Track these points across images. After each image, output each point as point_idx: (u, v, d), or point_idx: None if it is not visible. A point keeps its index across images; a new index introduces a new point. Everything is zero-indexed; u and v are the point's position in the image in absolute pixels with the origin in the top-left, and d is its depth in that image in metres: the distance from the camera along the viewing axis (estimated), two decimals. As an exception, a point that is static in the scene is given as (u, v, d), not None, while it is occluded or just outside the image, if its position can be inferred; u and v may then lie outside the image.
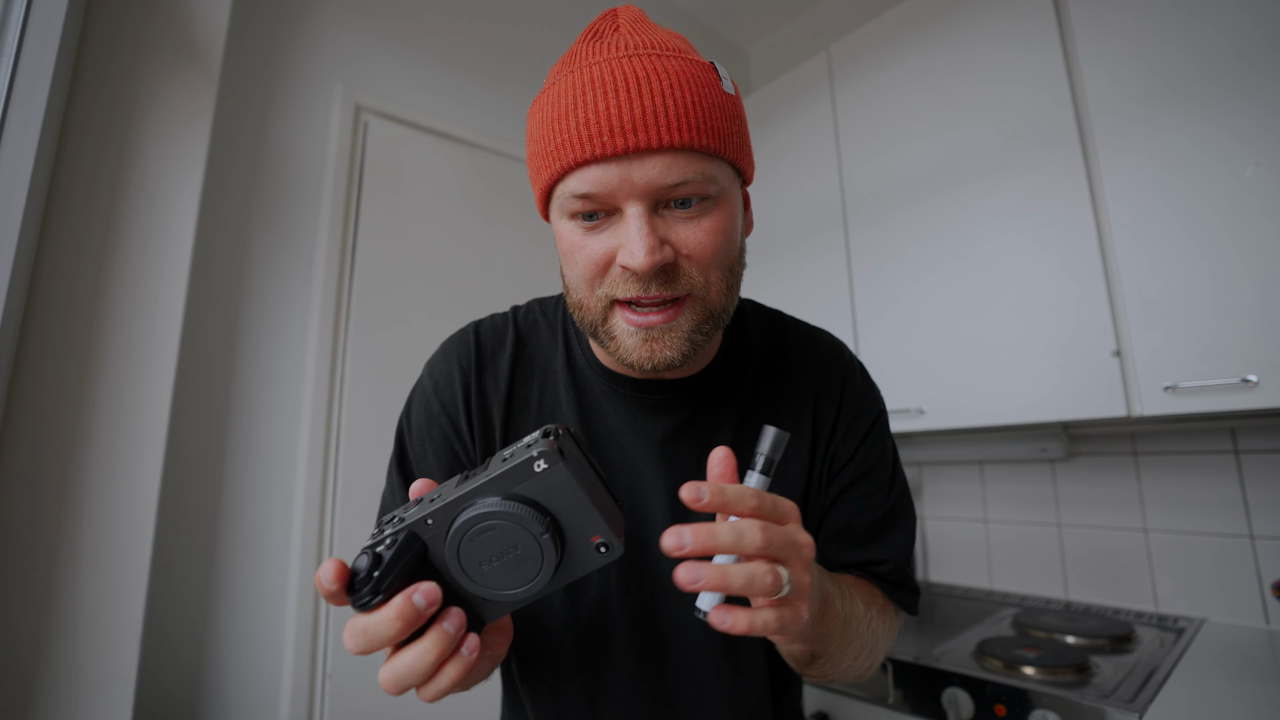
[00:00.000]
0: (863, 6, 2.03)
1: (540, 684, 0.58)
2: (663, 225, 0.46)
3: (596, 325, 0.49)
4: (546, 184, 0.48)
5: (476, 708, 1.40)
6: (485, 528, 0.34)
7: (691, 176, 0.45)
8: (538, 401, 0.59)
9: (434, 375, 0.60)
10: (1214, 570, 1.32)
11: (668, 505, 0.56)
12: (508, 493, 0.35)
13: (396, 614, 0.33)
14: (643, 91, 0.44)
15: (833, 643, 0.49)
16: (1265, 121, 1.04)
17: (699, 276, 0.47)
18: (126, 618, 0.91)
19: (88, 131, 0.97)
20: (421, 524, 0.35)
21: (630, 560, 0.56)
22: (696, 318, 0.48)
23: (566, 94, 0.45)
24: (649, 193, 0.44)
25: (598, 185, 0.44)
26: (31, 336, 0.90)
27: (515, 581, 0.36)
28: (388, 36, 1.53)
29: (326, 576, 0.33)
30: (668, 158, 0.44)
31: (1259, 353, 1.02)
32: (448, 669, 0.35)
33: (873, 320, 1.58)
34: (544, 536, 0.35)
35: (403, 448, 0.60)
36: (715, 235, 0.47)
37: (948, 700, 1.07)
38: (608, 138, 0.43)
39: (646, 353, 0.47)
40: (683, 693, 0.57)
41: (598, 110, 0.43)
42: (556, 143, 0.45)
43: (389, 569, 0.33)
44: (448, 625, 0.34)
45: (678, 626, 0.57)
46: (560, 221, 0.49)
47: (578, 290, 0.49)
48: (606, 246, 0.46)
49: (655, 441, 0.57)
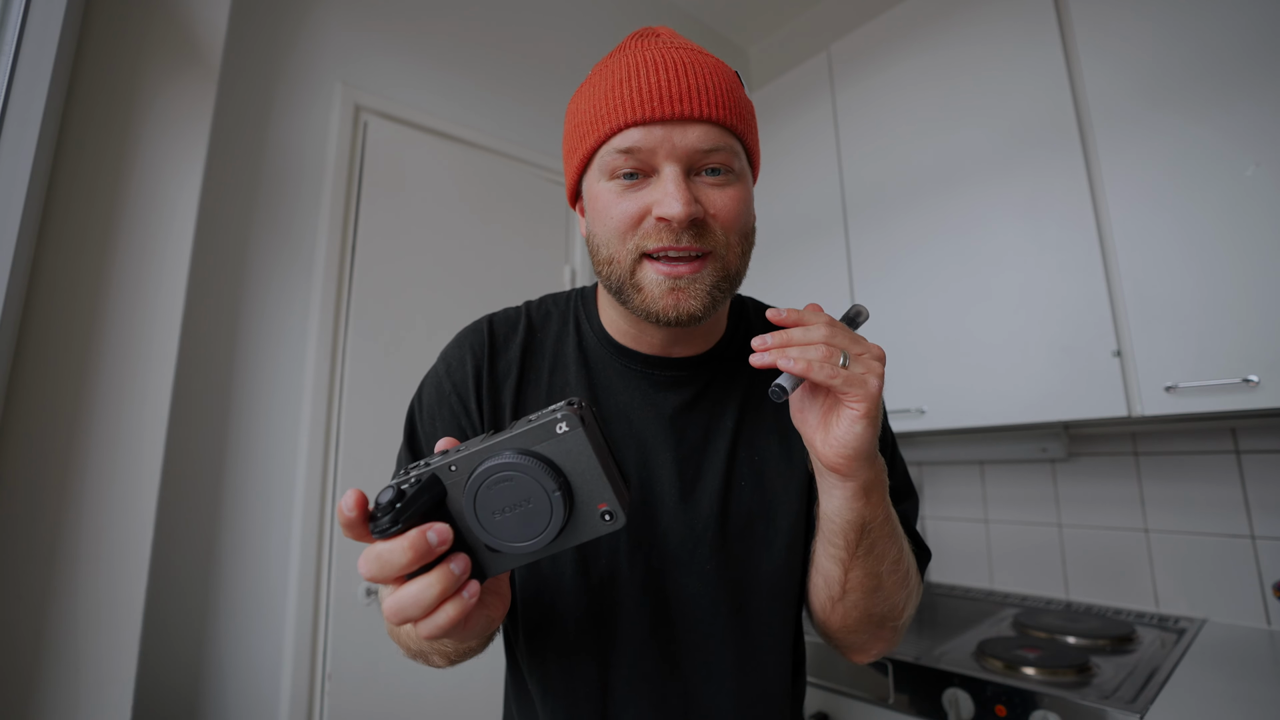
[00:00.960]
0: (863, 6, 2.03)
1: (549, 656, 0.59)
2: (694, 188, 0.52)
3: (625, 279, 0.53)
4: (593, 146, 0.53)
5: (476, 708, 1.40)
6: (503, 478, 0.37)
7: (723, 145, 0.52)
8: (548, 381, 0.62)
9: (447, 359, 0.63)
10: (1215, 570, 1.31)
11: (676, 478, 0.59)
12: (529, 449, 0.37)
13: (410, 544, 0.36)
14: (688, 72, 0.51)
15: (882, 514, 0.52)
16: (1265, 122, 1.04)
17: (722, 236, 0.53)
18: (126, 618, 0.91)
19: (88, 131, 0.97)
20: (445, 469, 0.38)
21: (639, 532, 0.58)
22: (716, 275, 0.53)
23: (619, 72, 0.53)
24: (687, 155, 0.51)
25: (643, 143, 0.51)
26: (31, 336, 0.90)
27: (523, 535, 0.38)
28: (388, 36, 1.53)
29: (347, 504, 0.36)
30: (705, 128, 0.51)
31: (1259, 353, 1.02)
32: (447, 607, 0.37)
33: (873, 320, 1.58)
34: (555, 494, 0.37)
35: (413, 428, 0.62)
36: (739, 202, 0.53)
37: (948, 701, 1.07)
38: (656, 104, 0.50)
39: (672, 301, 0.52)
40: (691, 662, 0.58)
41: (648, 83, 0.51)
42: (608, 109, 0.52)
43: (411, 501, 0.36)
44: (454, 566, 0.37)
45: (686, 597, 0.58)
46: (598, 183, 0.54)
47: (609, 245, 0.54)
48: (642, 203, 0.52)
49: (665, 416, 0.60)
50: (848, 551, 0.53)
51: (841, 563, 0.54)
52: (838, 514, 0.51)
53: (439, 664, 0.57)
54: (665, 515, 0.58)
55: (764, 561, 0.59)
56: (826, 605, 0.59)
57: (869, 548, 0.53)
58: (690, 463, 0.59)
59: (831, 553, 0.54)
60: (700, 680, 0.58)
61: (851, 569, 0.54)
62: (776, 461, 0.62)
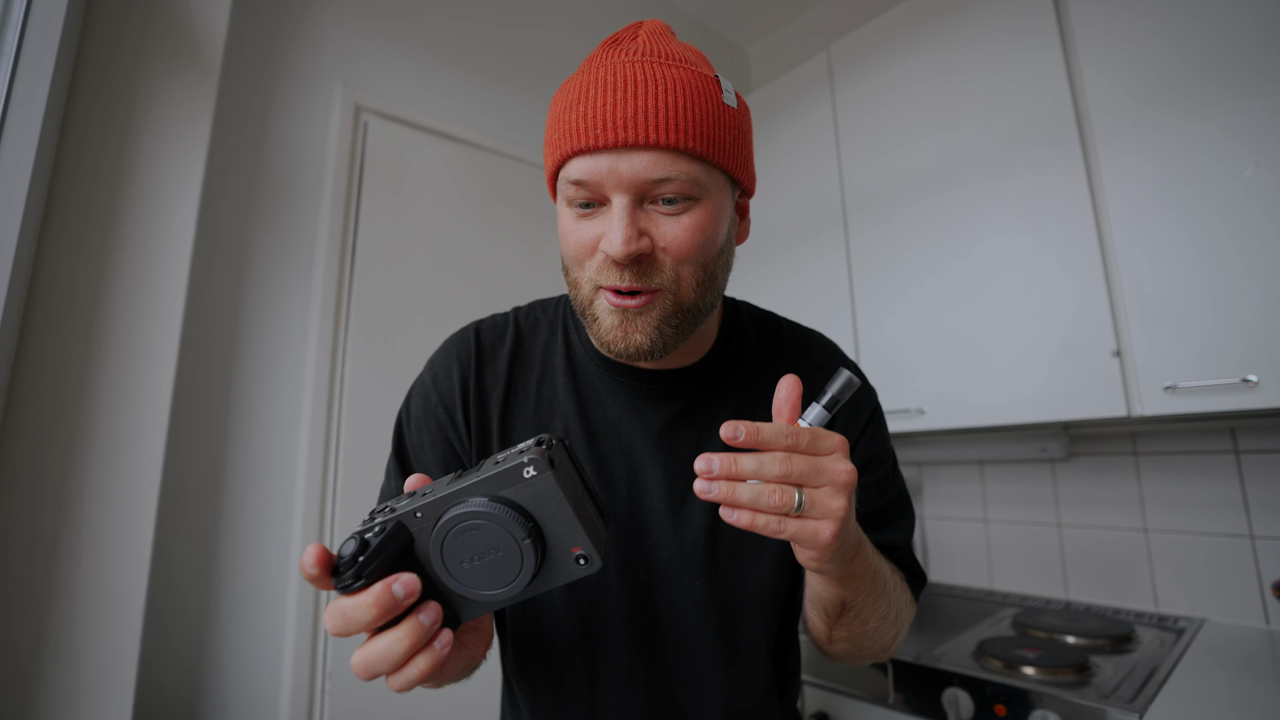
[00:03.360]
0: (863, 6, 2.03)
1: (538, 673, 0.59)
2: (645, 219, 0.49)
3: (585, 307, 0.52)
4: (551, 170, 0.52)
5: (476, 708, 1.40)
6: (470, 526, 0.35)
7: (675, 175, 0.47)
8: (535, 393, 0.60)
9: (434, 370, 0.61)
10: (1214, 570, 1.32)
11: (666, 493, 0.58)
12: (496, 495, 0.36)
13: (374, 600, 0.34)
14: (638, 93, 0.47)
15: (863, 591, 0.51)
16: (1265, 121, 1.04)
17: (671, 271, 0.50)
18: (126, 618, 0.91)
19: (88, 131, 0.97)
20: (410, 516, 0.36)
21: (628, 548, 0.57)
22: (665, 311, 0.50)
23: (575, 90, 0.49)
24: (633, 186, 0.47)
25: (589, 174, 0.48)
26: (31, 336, 0.90)
27: (494, 583, 0.37)
28: (388, 36, 1.53)
29: (308, 561, 0.35)
30: (653, 155, 0.47)
31: (1259, 353, 1.02)
32: (418, 660, 0.36)
33: (873, 320, 1.58)
34: (525, 541, 0.35)
35: (401, 440, 0.62)
36: (693, 232, 0.49)
37: (948, 700, 1.07)
38: (599, 131, 0.47)
39: (620, 334, 0.50)
40: (680, 679, 0.58)
41: (596, 107, 0.47)
42: (560, 132, 0.49)
43: (374, 555, 0.34)
44: (423, 618, 0.35)
45: (675, 614, 0.57)
46: (560, 206, 0.53)
47: (572, 270, 0.53)
48: (594, 233, 0.50)
49: (654, 430, 0.59)
50: (831, 618, 0.54)
51: (827, 624, 0.55)
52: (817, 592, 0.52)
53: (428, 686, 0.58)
54: (655, 531, 0.57)
55: (753, 577, 0.59)
56: (820, 641, 0.60)
57: (853, 616, 0.53)
58: (680, 478, 0.58)
59: (816, 615, 0.55)
60: (690, 695, 0.58)
61: (836, 629, 0.55)
62: None
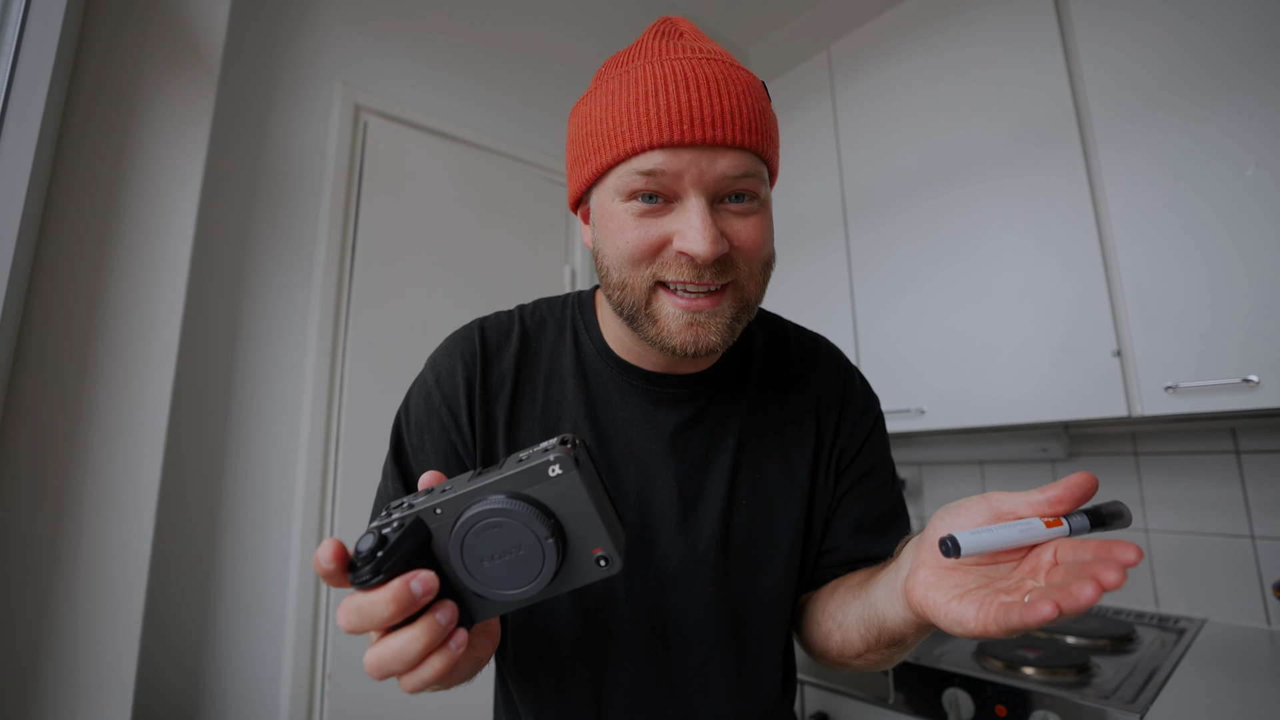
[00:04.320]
0: (863, 6, 2.03)
1: (543, 678, 0.58)
2: (718, 219, 0.49)
3: (639, 307, 0.50)
4: (610, 162, 0.49)
5: (476, 707, 1.40)
6: (492, 524, 0.35)
7: (752, 172, 0.48)
8: (543, 396, 0.58)
9: (436, 368, 0.59)
10: (1215, 570, 1.31)
11: (676, 498, 0.57)
12: (519, 493, 0.35)
13: (392, 596, 0.33)
14: (723, 92, 0.47)
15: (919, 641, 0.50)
16: (1265, 121, 1.04)
17: (745, 268, 0.50)
18: (126, 618, 0.91)
19: (87, 131, 0.97)
20: (430, 512, 0.35)
21: (638, 554, 0.56)
22: (735, 307, 0.51)
23: (644, 82, 0.48)
24: (715, 183, 0.47)
25: (668, 166, 0.47)
26: (31, 336, 0.90)
27: (513, 582, 0.36)
28: (388, 36, 1.53)
29: (324, 556, 0.34)
30: (737, 155, 0.47)
31: (1259, 353, 1.02)
32: (433, 660, 0.35)
33: (873, 320, 1.58)
34: (548, 540, 0.35)
35: (400, 440, 0.59)
36: (762, 231, 0.51)
37: (948, 701, 1.07)
38: (688, 126, 0.46)
39: (691, 336, 0.49)
40: (689, 684, 0.57)
41: (680, 101, 0.46)
42: (631, 125, 0.47)
43: (392, 551, 0.34)
44: (440, 616, 0.35)
45: (684, 621, 0.57)
46: (612, 202, 0.50)
47: (621, 270, 0.50)
48: (663, 231, 0.48)
49: (666, 434, 0.58)
50: (876, 643, 0.51)
51: (866, 645, 0.52)
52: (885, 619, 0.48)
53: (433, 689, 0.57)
54: (665, 537, 0.57)
55: (764, 582, 0.58)
56: (830, 651, 0.57)
57: (897, 650, 0.51)
58: (691, 483, 0.58)
59: (862, 633, 0.52)
60: (699, 701, 0.57)
61: (871, 653, 0.53)
62: (777, 482, 0.60)
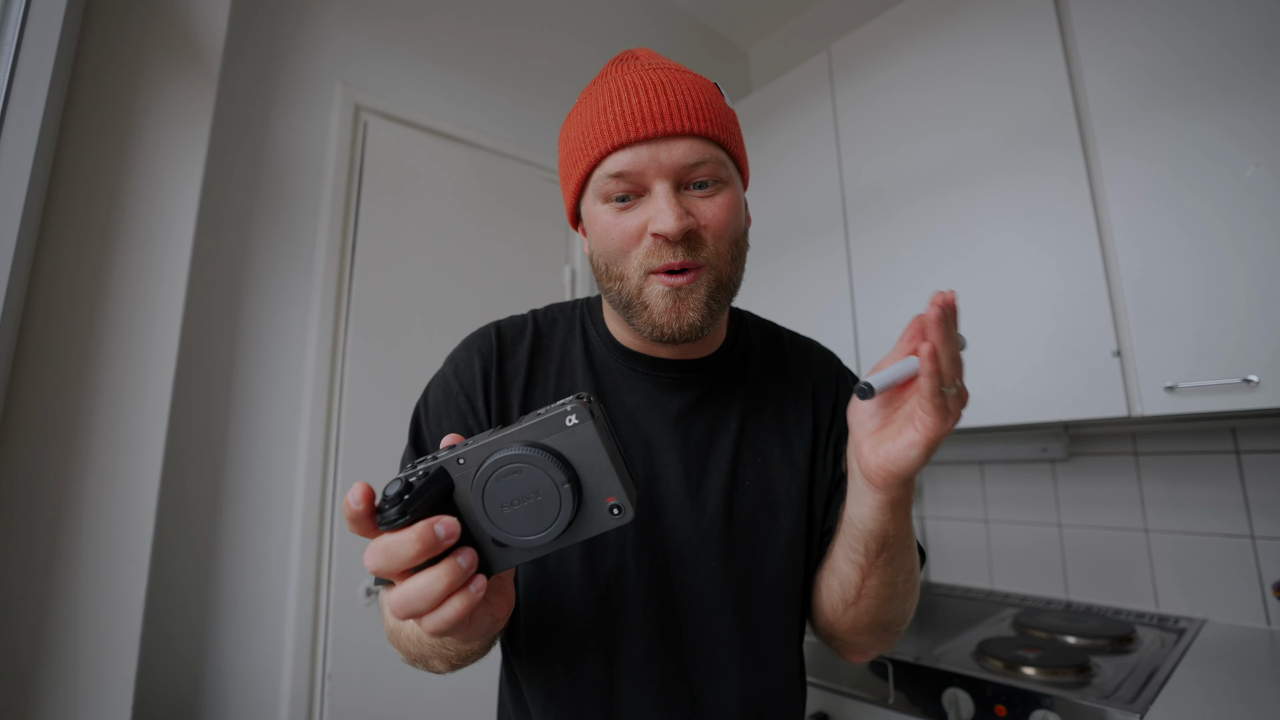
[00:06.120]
0: (863, 6, 2.03)
1: (553, 658, 0.59)
2: (685, 202, 0.54)
3: (633, 296, 0.55)
4: (585, 170, 0.56)
5: (476, 707, 1.41)
6: (512, 469, 0.37)
7: (708, 158, 0.54)
8: (555, 382, 0.63)
9: (455, 362, 0.64)
10: (1215, 570, 1.31)
11: (682, 477, 0.60)
12: (537, 442, 0.37)
13: (418, 535, 0.35)
14: (667, 91, 0.54)
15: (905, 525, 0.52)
16: (1265, 121, 1.04)
17: (713, 246, 0.55)
18: (126, 618, 0.91)
19: (87, 131, 0.97)
20: (453, 462, 0.38)
21: (645, 530, 0.59)
22: (710, 285, 0.55)
23: (603, 98, 0.55)
24: (674, 170, 0.53)
25: (631, 165, 0.53)
26: (31, 336, 0.90)
27: (531, 528, 0.38)
28: (388, 36, 1.53)
29: (354, 497, 0.36)
30: (689, 142, 0.53)
31: (1259, 353, 1.02)
32: (454, 601, 0.37)
33: (873, 320, 1.58)
34: (565, 486, 0.37)
35: (418, 429, 0.63)
36: (727, 210, 0.55)
37: (948, 701, 1.07)
38: (640, 124, 0.52)
39: (674, 315, 0.54)
40: (697, 662, 0.59)
41: (631, 105, 0.53)
42: (596, 133, 0.54)
43: (418, 494, 0.36)
44: (461, 560, 0.37)
45: (692, 595, 0.59)
46: (594, 206, 0.56)
47: (616, 263, 0.56)
48: (638, 222, 0.54)
49: (670, 417, 0.62)
50: (868, 560, 0.53)
51: (860, 569, 0.54)
52: (862, 522, 0.51)
53: (440, 669, 0.57)
54: (671, 514, 0.59)
55: (767, 560, 0.60)
56: (838, 607, 0.59)
57: (889, 559, 0.53)
58: (696, 462, 0.61)
59: (852, 558, 0.55)
60: (706, 680, 0.59)
61: (869, 577, 0.54)
62: (778, 463, 0.63)
